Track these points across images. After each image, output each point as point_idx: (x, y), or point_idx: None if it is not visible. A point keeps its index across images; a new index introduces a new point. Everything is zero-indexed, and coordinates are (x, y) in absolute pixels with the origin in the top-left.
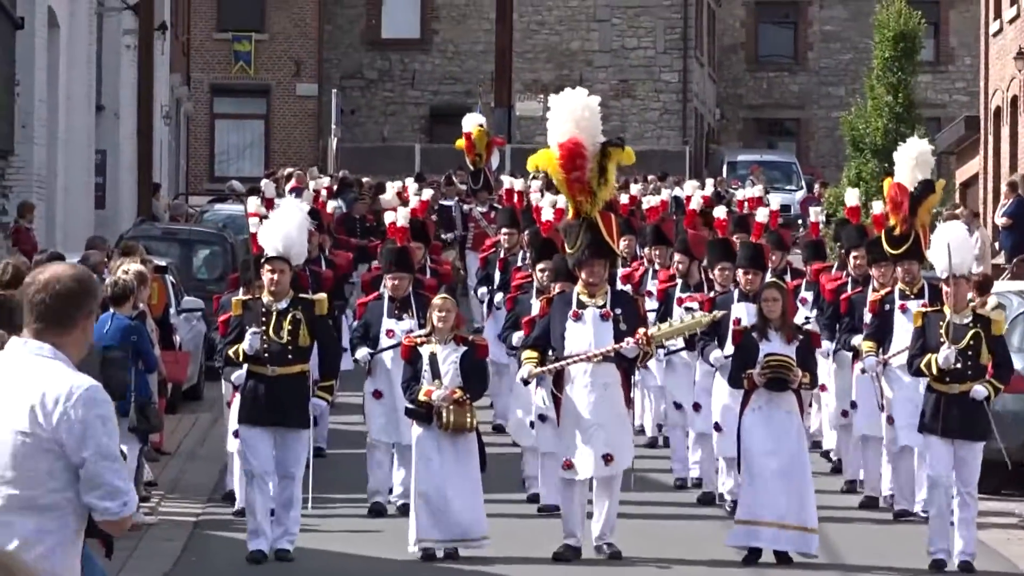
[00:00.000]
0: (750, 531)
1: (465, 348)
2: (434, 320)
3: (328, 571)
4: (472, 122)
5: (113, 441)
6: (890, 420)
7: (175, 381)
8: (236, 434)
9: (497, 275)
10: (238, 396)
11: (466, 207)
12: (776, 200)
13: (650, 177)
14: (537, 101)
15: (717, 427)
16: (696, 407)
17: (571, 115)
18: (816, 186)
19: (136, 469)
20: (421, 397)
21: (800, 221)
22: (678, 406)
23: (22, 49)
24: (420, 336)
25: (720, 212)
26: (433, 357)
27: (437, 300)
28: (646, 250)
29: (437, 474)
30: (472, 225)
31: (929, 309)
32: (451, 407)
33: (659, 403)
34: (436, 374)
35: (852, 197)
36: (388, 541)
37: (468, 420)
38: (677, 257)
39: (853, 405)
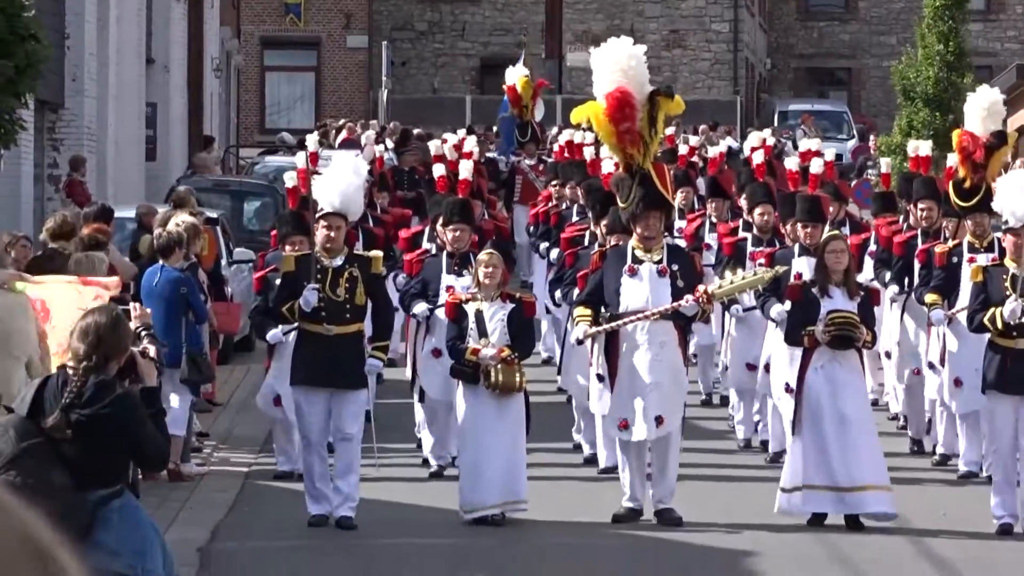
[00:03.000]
0: (814, 496)
1: (512, 305)
2: (480, 276)
3: (387, 524)
4: (516, 74)
5: None
6: (957, 383)
7: (227, 332)
8: (276, 401)
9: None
10: (275, 358)
11: (514, 159)
12: (829, 151)
13: (701, 128)
14: (588, 52)
15: (788, 389)
16: (767, 368)
17: (617, 65)
18: (871, 138)
19: (187, 420)
20: (468, 356)
21: (857, 172)
22: (751, 367)
23: (72, 2)
24: (465, 293)
25: (791, 164)
26: (479, 315)
27: (483, 256)
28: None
29: (482, 436)
30: (519, 178)
31: (990, 263)
32: (499, 366)
33: (708, 362)
34: (483, 332)
35: (925, 148)
36: (444, 491)
37: (517, 379)
38: (759, 209)
39: (931, 366)
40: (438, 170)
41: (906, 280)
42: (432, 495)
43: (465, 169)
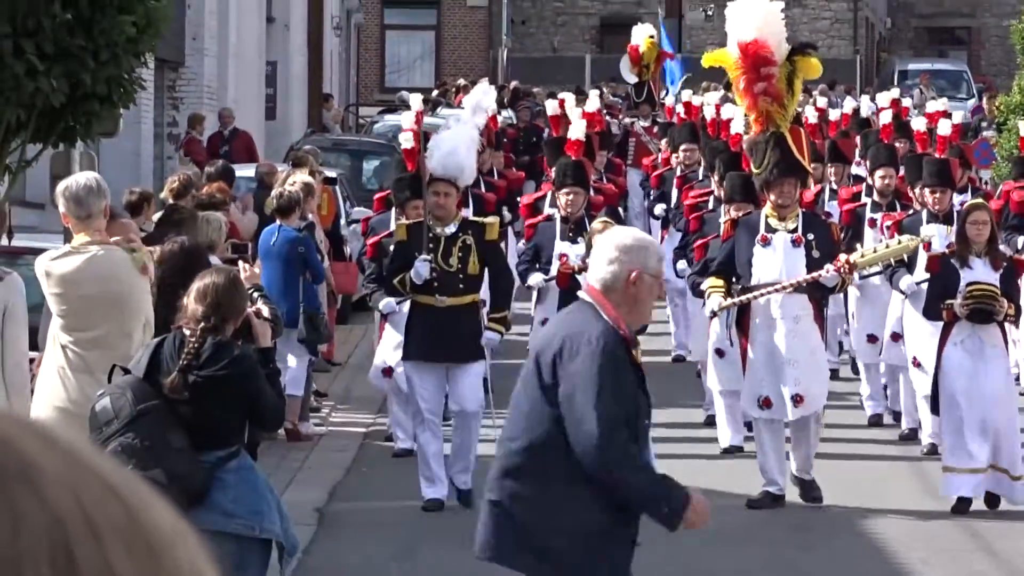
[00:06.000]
0: (960, 479)
1: None
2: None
3: None
4: (642, 34)
5: None
6: None
7: (345, 292)
8: (387, 372)
9: (675, 193)
10: (388, 328)
11: (627, 120)
12: (956, 112)
13: (820, 87)
14: (702, 11)
15: (915, 362)
16: (895, 337)
17: (752, 24)
18: (984, 100)
19: (305, 380)
20: None
21: (972, 133)
22: (872, 338)
23: None
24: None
25: (919, 125)
26: None
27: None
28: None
29: None
30: (633, 140)
31: None
32: None
33: (835, 333)
34: None
35: None
36: None
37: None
38: (881, 172)
39: None
40: (574, 131)
41: None
42: None
43: (578, 129)
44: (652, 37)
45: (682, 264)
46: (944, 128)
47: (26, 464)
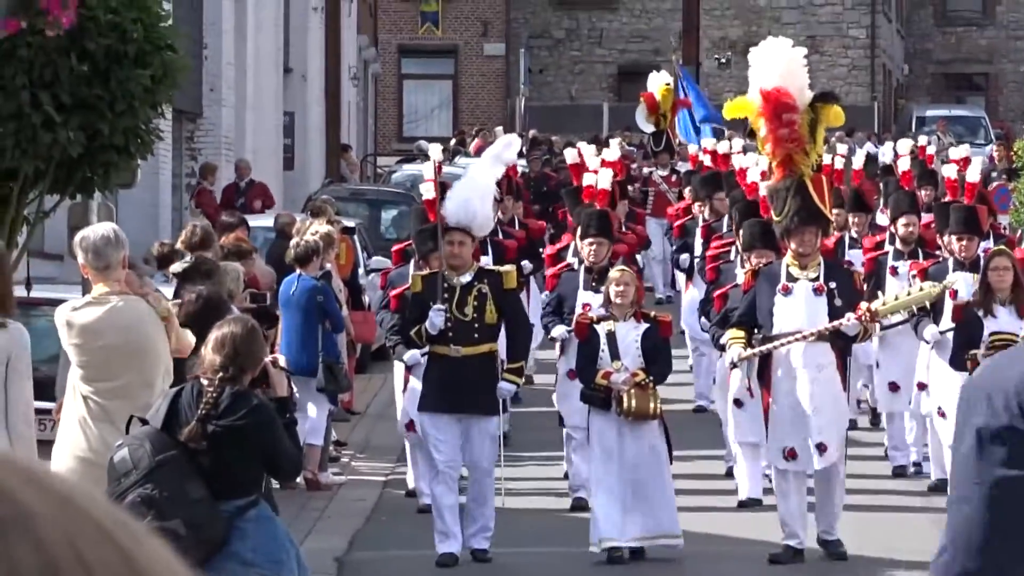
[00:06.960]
0: None
1: (647, 325)
2: (611, 295)
3: (525, 539)
4: (658, 82)
5: None
6: None
7: (364, 341)
8: (408, 426)
9: (699, 243)
10: (412, 379)
11: (646, 170)
12: (977, 158)
13: (836, 134)
14: (715, 59)
15: (941, 412)
16: (920, 386)
17: (774, 68)
18: (993, 149)
19: (325, 429)
20: (599, 380)
21: (982, 182)
22: (894, 387)
23: (210, 12)
24: (596, 313)
25: (949, 171)
26: (611, 336)
27: (614, 272)
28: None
29: (618, 466)
30: (652, 190)
31: None
32: (632, 391)
33: (859, 381)
34: (615, 355)
35: None
36: (582, 533)
37: (651, 405)
38: (904, 220)
39: None
40: (601, 180)
41: None
42: (567, 538)
43: (604, 179)
44: (668, 84)
45: (704, 319)
46: (973, 175)
47: (22, 512)
